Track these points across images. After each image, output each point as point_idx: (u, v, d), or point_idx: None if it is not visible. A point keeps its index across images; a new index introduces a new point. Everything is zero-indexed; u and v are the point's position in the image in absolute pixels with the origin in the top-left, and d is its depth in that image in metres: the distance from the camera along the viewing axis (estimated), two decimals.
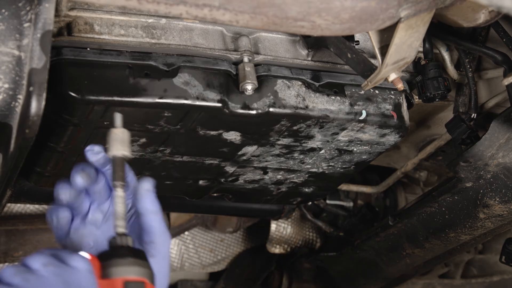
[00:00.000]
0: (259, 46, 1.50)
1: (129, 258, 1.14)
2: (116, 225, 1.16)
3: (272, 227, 2.66)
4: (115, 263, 1.13)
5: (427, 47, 1.64)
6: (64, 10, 1.34)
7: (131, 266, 1.14)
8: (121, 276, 1.13)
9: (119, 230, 1.16)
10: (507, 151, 1.59)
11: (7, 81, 1.15)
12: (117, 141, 1.18)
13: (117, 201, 1.18)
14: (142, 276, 1.14)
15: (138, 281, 1.13)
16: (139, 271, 1.14)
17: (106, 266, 1.13)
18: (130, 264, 1.14)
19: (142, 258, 1.17)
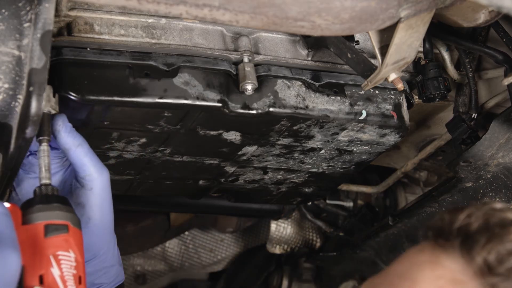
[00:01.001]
0: (259, 46, 1.50)
1: (51, 204, 1.18)
2: (41, 177, 1.21)
3: (272, 227, 2.67)
4: (35, 209, 1.17)
5: (427, 47, 1.64)
6: (64, 10, 1.34)
7: (52, 211, 1.17)
8: (41, 221, 1.15)
9: (42, 181, 1.21)
10: (507, 151, 1.59)
11: (7, 81, 1.15)
12: None
13: (41, 155, 1.22)
14: (64, 219, 1.17)
15: (59, 224, 1.16)
16: (61, 215, 1.17)
17: (28, 213, 1.16)
18: (51, 209, 1.17)
19: (65, 203, 1.20)
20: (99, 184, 1.30)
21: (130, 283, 2.81)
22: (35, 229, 1.15)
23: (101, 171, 1.30)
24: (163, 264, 2.84)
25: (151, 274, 2.85)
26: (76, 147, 1.28)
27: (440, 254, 1.04)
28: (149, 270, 2.84)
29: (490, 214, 1.04)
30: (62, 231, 1.16)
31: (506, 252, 0.98)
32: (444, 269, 1.02)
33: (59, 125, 1.28)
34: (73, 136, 1.28)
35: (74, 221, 1.19)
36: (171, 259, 2.86)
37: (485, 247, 0.99)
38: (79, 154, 1.29)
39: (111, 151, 1.56)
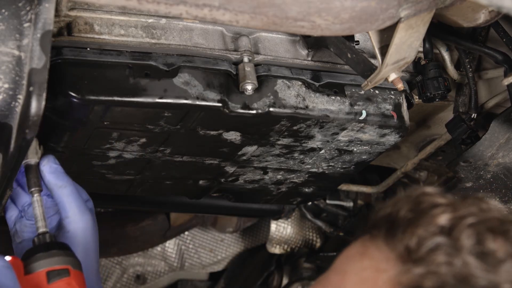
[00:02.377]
0: (259, 46, 1.50)
1: (51, 251, 1.23)
2: (37, 227, 1.28)
3: (272, 227, 2.67)
4: (36, 258, 1.22)
5: (427, 47, 1.64)
6: (64, 10, 1.34)
7: (52, 258, 1.22)
8: (43, 268, 1.20)
9: (40, 230, 1.27)
10: (507, 151, 1.59)
11: (7, 81, 1.15)
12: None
13: (35, 206, 1.30)
14: (64, 264, 1.22)
15: (60, 269, 1.21)
16: (61, 260, 1.22)
17: (29, 263, 1.21)
18: (51, 256, 1.22)
19: (64, 248, 1.25)
20: (79, 226, 1.33)
21: (130, 283, 2.81)
22: (38, 277, 1.20)
23: (82, 213, 1.33)
24: (163, 264, 2.84)
25: (151, 274, 2.84)
26: (59, 188, 1.33)
27: (369, 244, 1.02)
28: (149, 270, 2.84)
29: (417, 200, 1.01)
30: (63, 275, 1.21)
31: (425, 235, 0.95)
32: (371, 259, 1.00)
33: (43, 165, 1.33)
34: (57, 177, 1.33)
35: (74, 263, 1.24)
36: (171, 259, 2.86)
37: (406, 232, 0.97)
38: (61, 195, 1.33)
39: (111, 151, 1.56)
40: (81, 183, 1.69)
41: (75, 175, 1.65)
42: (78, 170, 1.62)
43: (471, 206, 0.98)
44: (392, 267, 0.96)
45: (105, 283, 2.69)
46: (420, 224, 0.96)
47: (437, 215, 0.97)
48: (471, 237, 0.93)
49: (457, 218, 0.96)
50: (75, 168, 1.60)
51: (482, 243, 0.93)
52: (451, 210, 0.97)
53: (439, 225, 0.95)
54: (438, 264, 0.92)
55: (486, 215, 0.97)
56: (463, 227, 0.94)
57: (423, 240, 0.95)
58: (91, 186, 1.73)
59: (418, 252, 0.94)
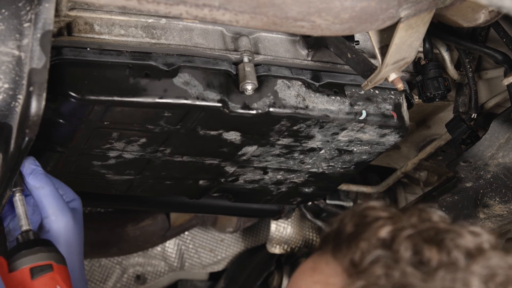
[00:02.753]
0: (259, 46, 1.50)
1: (33, 248, 1.25)
2: (20, 225, 1.31)
3: (272, 227, 2.66)
4: (19, 256, 1.25)
5: (427, 47, 1.64)
6: (64, 10, 1.34)
7: (35, 254, 1.24)
8: (26, 265, 1.23)
9: (23, 228, 1.30)
10: (507, 151, 1.59)
11: (7, 81, 1.15)
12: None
13: (17, 205, 1.33)
14: (47, 260, 1.24)
15: (44, 264, 1.23)
16: (44, 256, 1.24)
17: (12, 261, 1.24)
18: (34, 252, 1.24)
19: (47, 244, 1.27)
20: (58, 226, 1.34)
21: (130, 283, 2.81)
22: (22, 274, 1.22)
23: (61, 213, 1.35)
24: (163, 264, 2.84)
25: (151, 274, 2.84)
26: (37, 188, 1.35)
27: (319, 260, 1.06)
28: (149, 270, 2.84)
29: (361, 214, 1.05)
30: (47, 271, 1.23)
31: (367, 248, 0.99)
32: (321, 273, 1.04)
33: (22, 167, 1.35)
34: (35, 178, 1.35)
35: (58, 259, 1.26)
36: (171, 259, 2.86)
37: (351, 246, 1.01)
38: (39, 195, 1.35)
39: (111, 151, 1.56)
40: (81, 183, 1.70)
41: (75, 175, 1.65)
42: (78, 170, 1.62)
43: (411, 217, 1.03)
44: (340, 280, 1.01)
45: (105, 283, 2.69)
46: (363, 237, 1.00)
47: (378, 228, 1.00)
48: (408, 248, 0.97)
49: (396, 230, 1.00)
50: (75, 168, 1.60)
51: (419, 253, 0.97)
52: (391, 223, 1.01)
53: (380, 238, 0.99)
54: (378, 276, 0.96)
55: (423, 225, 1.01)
56: (402, 239, 0.98)
57: (365, 253, 0.99)
58: (91, 186, 1.74)
59: (361, 265, 0.98)
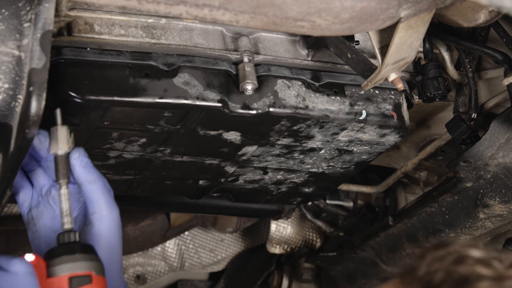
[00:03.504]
0: (259, 46, 1.50)
1: (75, 254, 1.19)
2: (63, 223, 1.22)
3: (272, 227, 2.67)
4: (60, 261, 1.19)
5: (427, 47, 1.64)
6: (64, 10, 1.34)
7: (76, 262, 1.19)
8: (66, 273, 1.17)
9: (65, 226, 1.22)
10: (507, 151, 1.59)
11: (7, 81, 1.15)
12: (58, 139, 1.25)
13: (62, 199, 1.24)
14: (88, 269, 1.19)
15: (83, 275, 1.18)
16: (85, 265, 1.19)
17: (52, 265, 1.18)
18: (75, 260, 1.19)
19: (89, 252, 1.21)
20: (107, 222, 1.28)
21: (130, 283, 2.81)
22: (60, 282, 1.17)
23: (111, 210, 1.28)
24: (163, 264, 2.84)
25: (151, 274, 2.85)
26: (89, 183, 1.27)
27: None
28: (149, 270, 2.84)
29: (456, 264, 0.92)
30: (86, 282, 1.18)
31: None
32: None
33: (74, 159, 1.27)
34: (87, 171, 1.28)
35: (98, 269, 1.20)
36: (171, 259, 2.86)
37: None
38: (91, 190, 1.28)
39: (111, 151, 1.56)
40: None
41: None
42: None
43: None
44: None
45: None
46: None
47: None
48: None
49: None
50: None
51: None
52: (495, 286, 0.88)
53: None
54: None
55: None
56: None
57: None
58: None
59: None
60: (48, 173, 1.33)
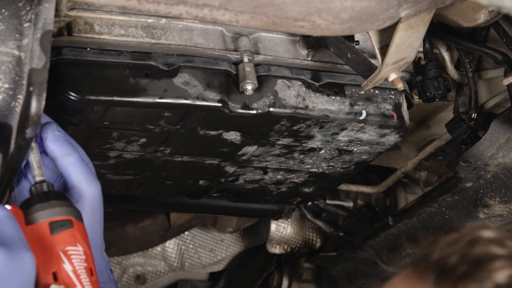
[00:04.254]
0: (259, 46, 1.50)
1: (50, 201, 1.17)
2: (33, 175, 1.19)
3: (272, 227, 2.67)
4: (37, 208, 1.16)
5: (427, 47, 1.64)
6: (64, 10, 1.34)
7: (53, 208, 1.16)
8: (45, 219, 1.15)
9: (36, 178, 1.19)
10: (507, 151, 1.59)
11: (7, 81, 1.15)
12: None
13: (30, 152, 1.20)
14: (67, 215, 1.16)
15: (63, 220, 1.16)
16: (63, 210, 1.17)
17: (29, 213, 1.16)
18: (52, 206, 1.16)
19: (64, 199, 1.19)
20: (86, 197, 1.23)
21: (130, 283, 2.81)
22: (40, 228, 1.15)
23: (90, 184, 1.24)
24: (163, 264, 2.84)
25: (151, 274, 2.85)
26: (63, 156, 1.23)
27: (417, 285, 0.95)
28: (149, 270, 2.84)
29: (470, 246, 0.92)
30: (67, 227, 1.15)
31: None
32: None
33: (46, 133, 1.23)
34: (60, 145, 1.23)
35: (76, 215, 1.18)
36: (171, 259, 2.86)
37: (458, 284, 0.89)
38: (66, 163, 1.23)
39: (111, 151, 1.56)
40: None
41: None
42: None
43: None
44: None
45: None
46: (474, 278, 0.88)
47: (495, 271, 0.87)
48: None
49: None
50: None
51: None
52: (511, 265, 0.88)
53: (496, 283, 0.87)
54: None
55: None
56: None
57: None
58: None
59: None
60: None
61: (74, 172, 1.23)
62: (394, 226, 2.01)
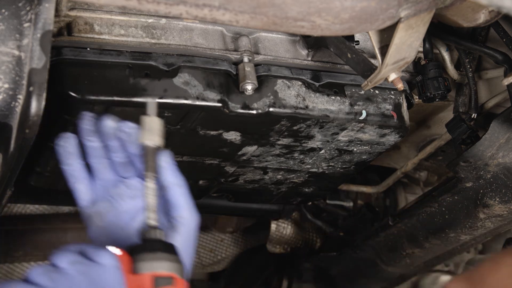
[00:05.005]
0: (259, 46, 1.50)
1: (160, 253, 1.15)
2: (148, 217, 1.17)
3: (272, 227, 2.66)
4: (145, 257, 1.13)
5: (427, 47, 1.64)
6: (64, 10, 1.34)
7: (161, 261, 1.14)
8: (150, 271, 1.13)
9: (151, 223, 1.17)
10: (507, 151, 1.59)
11: (7, 81, 1.15)
12: (149, 130, 1.20)
13: (149, 193, 1.18)
14: (172, 271, 1.14)
15: (167, 276, 1.14)
16: (169, 266, 1.14)
17: (136, 260, 1.13)
18: (160, 259, 1.14)
19: (173, 252, 1.17)
20: (188, 227, 1.26)
21: None
22: (143, 279, 1.13)
23: (194, 215, 1.26)
24: None
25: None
26: (177, 186, 1.25)
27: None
28: None
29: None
30: (169, 284, 1.14)
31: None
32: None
33: (164, 161, 1.24)
34: (176, 175, 1.26)
35: (180, 271, 1.17)
36: None
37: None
38: (178, 193, 1.25)
39: None
40: None
41: None
42: None
43: None
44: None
45: None
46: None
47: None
48: None
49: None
50: None
51: None
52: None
53: None
54: None
55: None
56: None
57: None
58: None
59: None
60: (116, 167, 1.28)
61: (183, 202, 1.25)
62: (394, 226, 2.01)
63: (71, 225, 2.44)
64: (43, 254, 2.44)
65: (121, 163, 1.27)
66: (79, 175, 1.27)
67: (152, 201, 1.18)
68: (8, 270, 2.48)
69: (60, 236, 2.43)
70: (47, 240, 2.42)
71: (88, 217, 1.29)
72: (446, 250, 1.98)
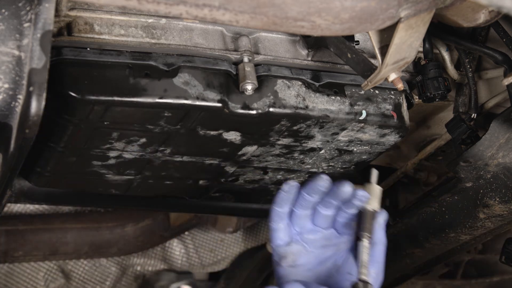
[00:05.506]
0: (259, 46, 1.50)
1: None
2: (361, 272, 1.35)
3: None
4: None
5: (427, 47, 1.64)
6: (64, 10, 1.34)
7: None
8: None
9: (363, 277, 1.35)
10: (507, 151, 1.59)
11: (7, 81, 1.15)
12: (372, 196, 1.44)
13: (363, 251, 1.38)
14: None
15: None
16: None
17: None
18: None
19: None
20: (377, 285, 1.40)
21: (130, 283, 2.81)
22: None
23: (381, 275, 1.40)
24: (163, 264, 2.84)
25: (151, 274, 2.84)
26: (380, 244, 1.42)
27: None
28: (149, 270, 2.84)
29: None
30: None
31: None
32: None
33: (380, 221, 1.43)
34: (384, 234, 1.43)
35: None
36: (171, 259, 2.86)
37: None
38: (380, 251, 1.42)
39: (111, 151, 1.56)
40: (81, 183, 1.70)
41: (75, 175, 1.65)
42: (78, 170, 1.62)
43: None
44: None
45: (105, 283, 2.69)
46: None
47: None
48: None
49: None
50: (75, 168, 1.60)
51: None
52: None
53: None
54: None
55: None
56: None
57: None
58: (91, 186, 1.74)
59: None
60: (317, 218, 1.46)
61: (381, 261, 1.42)
62: (394, 226, 2.01)
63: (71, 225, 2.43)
64: (43, 254, 2.44)
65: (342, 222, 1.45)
66: (282, 217, 1.49)
67: (365, 258, 1.37)
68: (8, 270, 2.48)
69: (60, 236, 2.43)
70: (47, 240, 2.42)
71: (282, 255, 1.50)
72: (446, 250, 1.98)
